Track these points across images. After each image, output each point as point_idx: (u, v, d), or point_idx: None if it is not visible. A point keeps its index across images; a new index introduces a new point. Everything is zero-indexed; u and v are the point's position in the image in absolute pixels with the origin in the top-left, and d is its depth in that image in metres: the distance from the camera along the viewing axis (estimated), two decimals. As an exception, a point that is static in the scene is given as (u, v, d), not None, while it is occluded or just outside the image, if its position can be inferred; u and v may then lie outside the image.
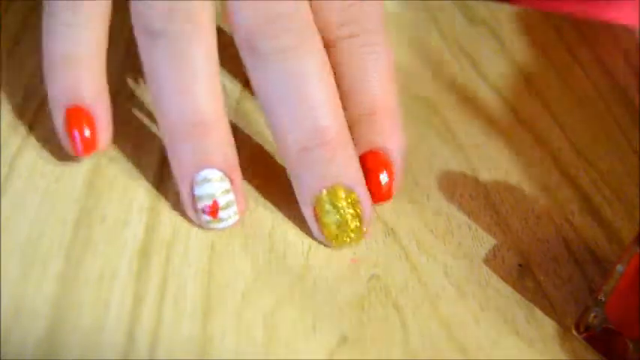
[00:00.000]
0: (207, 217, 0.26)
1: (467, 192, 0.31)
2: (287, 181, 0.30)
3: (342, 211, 0.26)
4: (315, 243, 0.28)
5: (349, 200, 0.26)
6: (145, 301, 0.24)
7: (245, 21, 0.25)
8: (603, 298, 0.26)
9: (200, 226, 0.27)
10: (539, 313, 0.27)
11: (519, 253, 0.29)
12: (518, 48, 0.42)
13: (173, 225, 0.27)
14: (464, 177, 0.32)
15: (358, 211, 0.27)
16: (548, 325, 0.26)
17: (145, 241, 0.26)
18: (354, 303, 0.26)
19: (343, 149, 0.26)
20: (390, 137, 0.28)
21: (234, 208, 0.27)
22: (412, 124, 0.35)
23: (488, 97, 0.38)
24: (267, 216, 0.28)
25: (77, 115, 0.27)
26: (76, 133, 0.27)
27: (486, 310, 0.26)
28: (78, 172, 0.29)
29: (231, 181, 0.26)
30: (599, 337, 0.26)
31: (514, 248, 0.29)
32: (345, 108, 0.27)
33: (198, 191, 0.26)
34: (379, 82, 0.28)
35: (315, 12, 0.27)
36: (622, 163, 0.35)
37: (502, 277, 0.28)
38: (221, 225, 0.27)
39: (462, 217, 0.30)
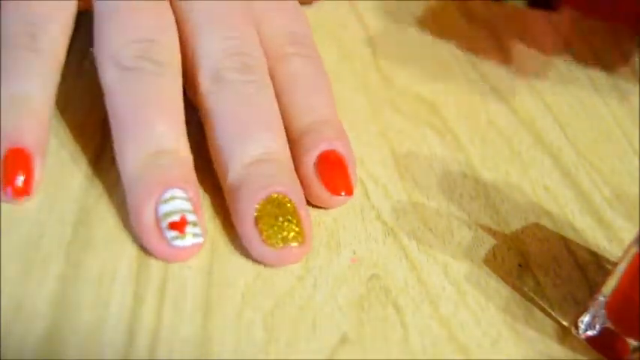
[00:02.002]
0: (172, 233, 0.25)
1: (467, 192, 0.31)
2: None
3: (281, 218, 0.26)
4: (315, 243, 0.28)
5: (290, 208, 0.26)
6: (145, 301, 0.24)
7: (211, 55, 0.29)
8: (603, 298, 0.26)
9: (162, 255, 0.25)
10: (539, 313, 0.27)
11: (519, 253, 0.29)
12: (519, 48, 0.42)
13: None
14: (464, 177, 0.32)
15: (297, 219, 0.26)
16: (548, 325, 0.26)
17: (145, 241, 0.26)
18: (354, 303, 0.26)
19: (286, 166, 0.28)
20: (338, 140, 0.29)
21: (197, 229, 0.26)
22: (412, 124, 0.35)
23: (488, 97, 0.38)
24: (267, 216, 0.28)
25: (17, 159, 0.26)
26: (17, 177, 0.26)
27: (486, 310, 0.26)
28: (78, 172, 0.29)
29: (195, 205, 0.26)
30: (599, 337, 0.26)
31: (514, 248, 0.29)
32: (290, 122, 0.29)
33: (165, 208, 0.25)
34: (321, 97, 0.31)
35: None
36: (622, 163, 0.35)
37: (502, 277, 0.28)
38: (186, 241, 0.25)
39: (462, 217, 0.30)
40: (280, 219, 0.26)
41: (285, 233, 0.26)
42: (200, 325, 0.24)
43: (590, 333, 0.26)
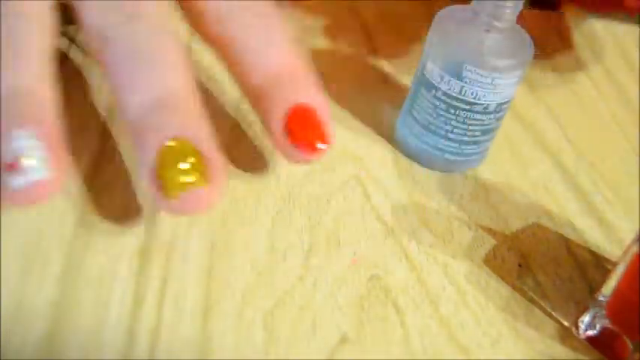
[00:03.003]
0: (7, 175, 0.23)
1: (467, 192, 0.31)
2: (288, 182, 0.30)
3: (182, 161, 0.24)
4: (315, 243, 0.28)
5: (190, 151, 0.25)
6: (145, 301, 0.24)
7: (95, 19, 0.27)
8: (603, 298, 0.26)
9: (5, 201, 0.23)
10: (539, 313, 0.27)
11: (519, 253, 0.29)
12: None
13: (173, 225, 0.27)
14: (464, 177, 0.32)
15: (199, 160, 0.24)
16: (548, 325, 0.26)
17: (145, 241, 0.26)
18: (354, 303, 0.26)
19: (184, 105, 0.26)
20: (305, 90, 0.28)
21: (41, 164, 0.23)
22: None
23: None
24: (268, 216, 0.28)
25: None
26: None
27: (486, 310, 0.26)
28: (78, 172, 0.29)
29: (47, 142, 0.24)
30: (599, 337, 0.26)
31: (514, 248, 0.29)
32: (252, 75, 0.28)
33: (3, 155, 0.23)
34: (282, 46, 0.29)
35: None
36: (622, 163, 0.35)
37: (502, 277, 0.28)
38: (22, 179, 0.23)
39: (462, 217, 0.30)
40: (179, 165, 0.24)
41: (184, 179, 0.24)
42: (200, 325, 0.24)
43: (590, 333, 0.26)
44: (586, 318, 0.26)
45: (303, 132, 0.27)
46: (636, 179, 0.34)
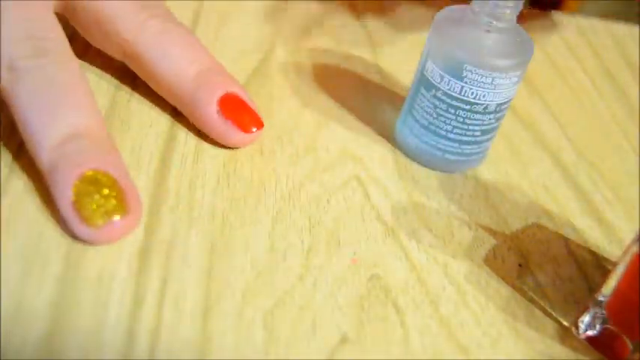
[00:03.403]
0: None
1: (467, 192, 0.31)
2: (288, 182, 0.30)
3: (98, 194, 0.25)
4: (315, 243, 0.28)
5: (107, 182, 0.26)
6: (144, 302, 0.24)
7: (5, 45, 0.27)
8: (603, 298, 0.26)
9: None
10: (539, 313, 0.27)
11: (519, 253, 0.29)
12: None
13: (173, 225, 0.27)
14: (464, 177, 0.32)
15: (116, 192, 0.26)
16: (548, 325, 0.26)
17: (144, 241, 0.26)
18: (354, 303, 0.26)
19: (98, 138, 0.27)
20: (231, 84, 0.31)
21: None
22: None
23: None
24: (268, 216, 0.28)
25: None
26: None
27: (486, 309, 0.26)
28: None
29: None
30: (599, 337, 0.26)
31: (514, 248, 0.29)
32: (177, 82, 0.30)
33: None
34: (195, 49, 0.31)
35: (112, 17, 0.30)
36: (622, 163, 0.35)
37: (502, 277, 0.28)
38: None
39: (462, 217, 0.30)
40: (97, 196, 0.25)
41: (103, 209, 0.25)
42: (200, 325, 0.24)
43: (590, 333, 0.26)
44: (586, 318, 0.26)
45: (237, 113, 0.30)
46: (636, 179, 0.34)
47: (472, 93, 0.29)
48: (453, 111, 0.30)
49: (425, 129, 0.31)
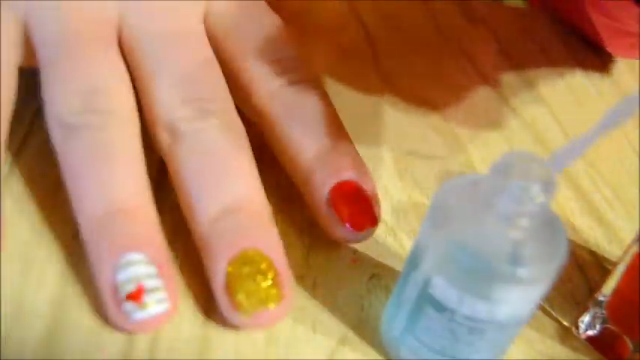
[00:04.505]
0: (130, 305, 0.23)
1: (467, 192, 0.31)
2: (288, 182, 0.30)
3: (253, 278, 0.23)
4: (315, 243, 0.28)
5: (263, 265, 0.24)
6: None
7: (165, 106, 0.26)
8: (603, 298, 0.26)
9: (123, 328, 0.23)
10: (539, 313, 0.27)
11: (519, 253, 0.29)
12: (519, 48, 0.42)
13: (173, 225, 0.27)
14: (464, 177, 0.32)
15: (272, 276, 0.24)
16: (548, 325, 0.26)
17: (145, 241, 0.26)
18: (354, 303, 0.26)
19: (257, 214, 0.25)
20: (353, 169, 0.27)
21: (161, 295, 0.23)
22: (412, 124, 0.35)
23: (488, 96, 0.38)
24: (267, 216, 0.28)
25: None
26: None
27: (486, 310, 0.26)
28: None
29: (159, 267, 0.23)
30: (599, 337, 0.26)
31: (514, 248, 0.29)
32: (296, 157, 0.27)
33: (120, 277, 0.23)
34: (326, 122, 0.28)
35: (248, 80, 0.28)
36: (622, 163, 0.35)
37: (502, 277, 0.28)
38: (146, 313, 0.23)
39: (462, 217, 0.30)
40: (251, 282, 0.23)
41: (257, 296, 0.23)
42: (200, 325, 0.24)
43: (590, 333, 0.26)
44: (586, 318, 0.26)
45: (346, 205, 0.26)
46: (636, 179, 0.34)
47: (505, 312, 0.22)
48: (479, 334, 0.22)
49: (438, 353, 0.23)
